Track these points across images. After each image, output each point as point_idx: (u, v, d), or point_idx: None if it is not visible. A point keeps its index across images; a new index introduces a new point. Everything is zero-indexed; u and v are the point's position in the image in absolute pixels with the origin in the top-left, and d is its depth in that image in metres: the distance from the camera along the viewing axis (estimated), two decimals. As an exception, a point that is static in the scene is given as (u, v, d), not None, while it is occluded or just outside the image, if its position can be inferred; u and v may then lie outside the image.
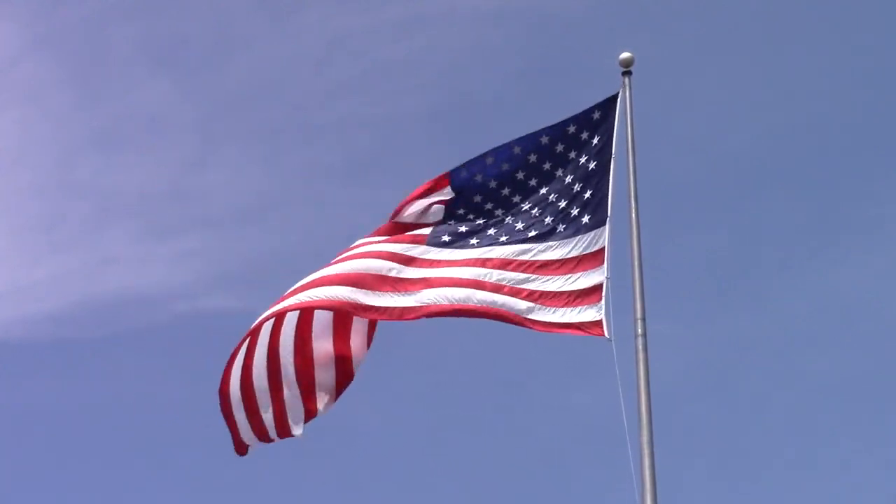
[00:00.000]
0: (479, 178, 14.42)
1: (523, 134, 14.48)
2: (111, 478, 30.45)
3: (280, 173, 34.61)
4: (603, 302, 13.26)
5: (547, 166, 14.35)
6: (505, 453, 28.91)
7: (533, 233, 14.09)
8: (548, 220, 14.12)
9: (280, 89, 34.98)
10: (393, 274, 13.85)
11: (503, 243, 14.06)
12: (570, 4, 34.22)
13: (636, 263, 13.14)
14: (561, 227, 13.99)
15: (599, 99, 14.42)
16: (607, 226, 13.70)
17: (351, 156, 33.82)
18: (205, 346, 31.81)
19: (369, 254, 14.08)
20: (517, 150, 14.40)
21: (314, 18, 35.08)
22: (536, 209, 14.25)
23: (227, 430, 14.14)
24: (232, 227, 34.07)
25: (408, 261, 14.03)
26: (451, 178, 14.48)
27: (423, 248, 14.22)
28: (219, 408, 14.05)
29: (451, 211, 14.46)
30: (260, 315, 13.95)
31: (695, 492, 25.96)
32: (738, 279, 31.62)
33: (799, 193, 32.66)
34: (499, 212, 14.36)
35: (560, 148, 14.36)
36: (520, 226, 14.19)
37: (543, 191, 14.31)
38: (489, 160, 14.43)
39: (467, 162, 14.48)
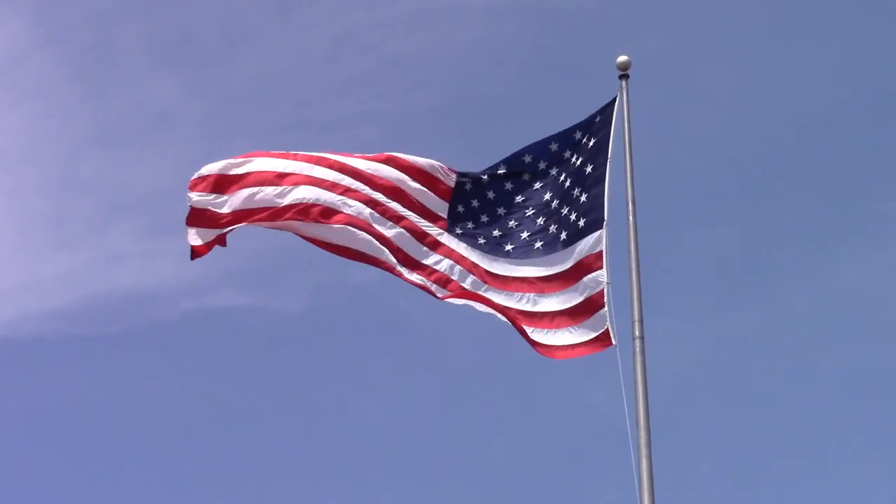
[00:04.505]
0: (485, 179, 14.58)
1: (531, 129, 14.73)
2: (118, 474, 30.51)
3: (288, 170, 34.49)
4: (606, 309, 13.24)
5: (549, 168, 14.47)
6: (508, 451, 28.93)
7: (538, 244, 14.12)
8: (552, 228, 14.13)
9: (288, 85, 34.94)
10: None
11: (510, 256, 14.14)
12: (579, -1, 34.22)
13: (633, 266, 13.14)
14: (564, 235, 13.94)
15: (606, 94, 14.49)
16: (604, 230, 13.61)
17: (359, 152, 33.70)
18: (212, 343, 32.00)
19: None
20: (527, 158, 14.56)
21: (321, 14, 35.09)
22: (541, 217, 14.29)
23: None
24: (239, 224, 33.95)
25: (422, 236, 14.22)
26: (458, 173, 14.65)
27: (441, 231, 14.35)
28: None
29: (460, 195, 14.54)
30: None
31: (700, 490, 25.98)
32: (744, 276, 31.60)
33: (805, 190, 32.66)
34: (501, 210, 14.44)
35: (556, 147, 14.50)
36: (525, 235, 14.25)
37: (547, 196, 14.39)
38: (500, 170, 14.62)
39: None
